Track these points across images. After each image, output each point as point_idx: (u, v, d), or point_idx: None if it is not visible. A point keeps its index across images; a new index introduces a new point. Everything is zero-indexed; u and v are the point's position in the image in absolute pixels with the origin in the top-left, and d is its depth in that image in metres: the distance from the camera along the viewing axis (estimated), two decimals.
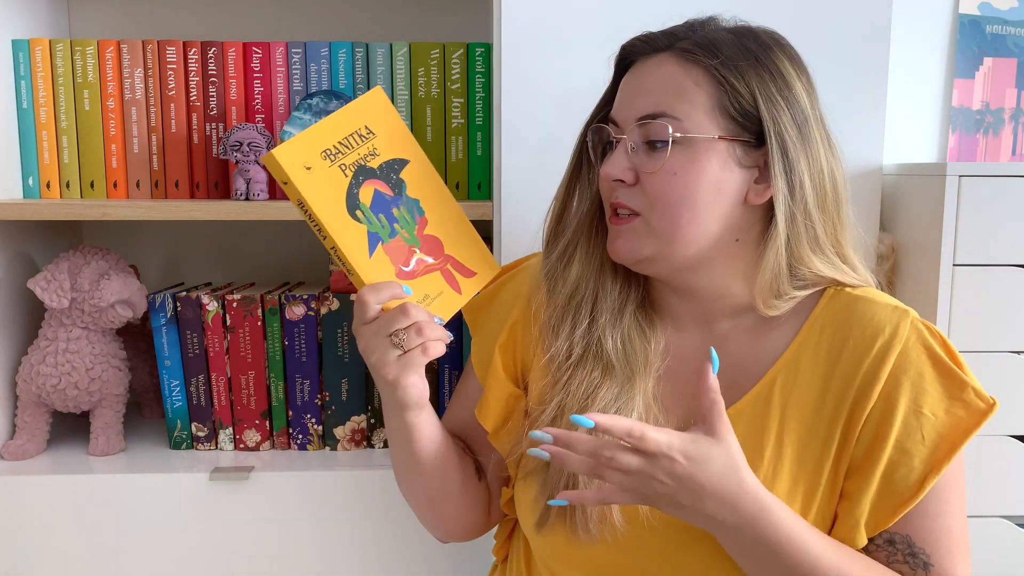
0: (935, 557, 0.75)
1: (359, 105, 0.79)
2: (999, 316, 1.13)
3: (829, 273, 0.80)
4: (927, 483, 0.75)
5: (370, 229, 0.78)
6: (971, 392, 0.77)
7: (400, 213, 0.80)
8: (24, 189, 1.25)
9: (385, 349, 0.78)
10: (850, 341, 0.79)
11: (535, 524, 0.84)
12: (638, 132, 0.78)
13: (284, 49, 1.25)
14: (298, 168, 0.74)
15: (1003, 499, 1.17)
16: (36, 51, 1.23)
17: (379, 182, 0.79)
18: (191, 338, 1.20)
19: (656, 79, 0.79)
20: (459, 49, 1.25)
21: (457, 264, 0.84)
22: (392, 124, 0.80)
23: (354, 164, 0.78)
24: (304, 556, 1.15)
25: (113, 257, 1.22)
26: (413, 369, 0.78)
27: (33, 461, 1.19)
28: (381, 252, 0.79)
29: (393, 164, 0.80)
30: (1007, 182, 1.10)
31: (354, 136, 0.78)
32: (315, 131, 0.76)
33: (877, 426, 0.76)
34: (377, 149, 0.79)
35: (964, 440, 0.75)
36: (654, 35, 0.82)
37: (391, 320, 0.77)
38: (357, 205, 0.77)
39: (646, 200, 0.78)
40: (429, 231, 0.82)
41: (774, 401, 0.79)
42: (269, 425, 1.23)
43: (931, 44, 1.42)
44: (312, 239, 1.44)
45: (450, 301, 0.84)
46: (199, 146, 1.26)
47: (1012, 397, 1.15)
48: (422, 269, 0.81)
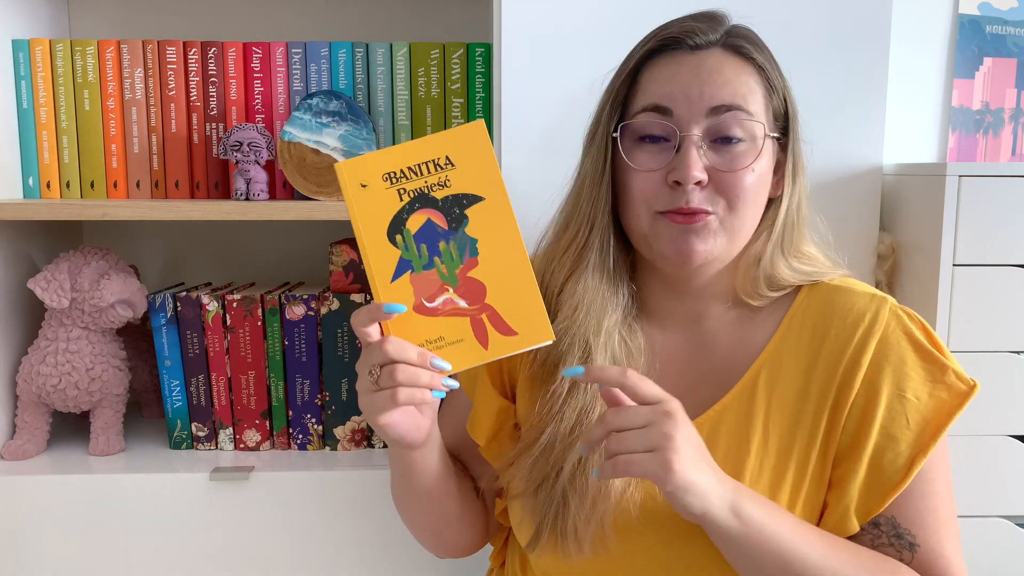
0: (921, 537, 0.75)
1: (450, 135, 0.76)
2: (999, 316, 1.13)
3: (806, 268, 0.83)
4: (915, 466, 0.75)
5: (403, 256, 0.76)
6: (952, 375, 0.77)
7: (447, 248, 0.76)
8: (24, 189, 1.25)
9: (363, 381, 0.73)
10: (831, 331, 0.79)
11: (526, 545, 0.82)
12: (705, 124, 0.75)
13: (284, 49, 1.25)
14: (354, 184, 0.75)
15: (1003, 499, 1.17)
16: (36, 51, 1.23)
17: (436, 212, 0.76)
18: (191, 338, 1.20)
19: (725, 71, 0.76)
20: (459, 49, 1.25)
21: (496, 317, 0.76)
22: (479, 159, 0.76)
23: (415, 191, 0.76)
24: (304, 556, 1.15)
25: (113, 257, 1.22)
26: (381, 408, 0.72)
27: (33, 461, 1.18)
28: (406, 280, 0.76)
29: (461, 199, 0.76)
30: (1007, 182, 1.10)
31: (428, 164, 0.76)
32: (389, 152, 0.76)
33: (862, 412, 0.77)
34: (450, 180, 0.76)
35: (948, 422, 0.76)
36: (700, 26, 0.78)
37: (368, 351, 0.72)
38: (400, 231, 0.76)
39: (721, 200, 0.76)
40: (475, 274, 0.76)
41: (759, 394, 0.79)
42: (269, 425, 1.23)
43: (931, 44, 1.42)
44: (312, 239, 1.44)
45: (469, 352, 0.76)
46: (199, 146, 1.26)
47: (1012, 397, 1.15)
48: (449, 309, 0.76)
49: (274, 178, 1.27)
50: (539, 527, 0.79)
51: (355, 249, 1.22)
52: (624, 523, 0.78)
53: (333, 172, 1.21)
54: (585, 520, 0.76)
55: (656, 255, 0.79)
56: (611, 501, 0.77)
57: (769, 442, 0.78)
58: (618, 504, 0.77)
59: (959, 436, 1.15)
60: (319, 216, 1.15)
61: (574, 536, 0.77)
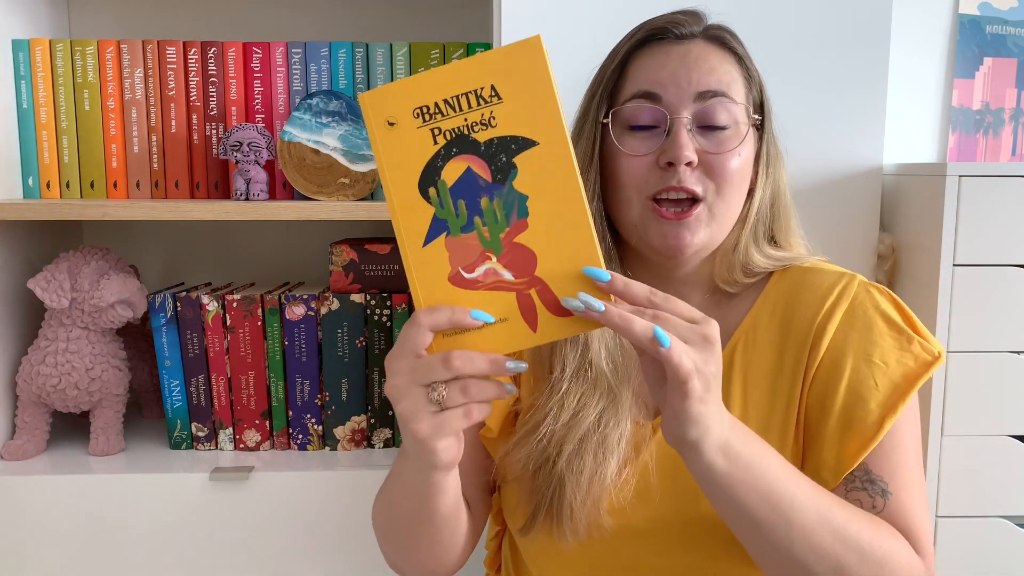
0: (892, 486, 0.76)
1: (498, 56, 0.62)
2: (999, 316, 1.13)
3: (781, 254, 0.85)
4: (885, 423, 0.76)
5: (438, 214, 0.63)
6: (918, 344, 0.79)
7: (489, 206, 0.63)
8: (24, 189, 1.25)
9: (418, 400, 0.62)
10: (801, 305, 0.82)
11: (520, 529, 0.83)
12: (693, 108, 0.77)
13: (284, 49, 1.25)
14: (380, 120, 0.62)
15: (1003, 499, 1.17)
16: (36, 51, 1.23)
17: (477, 159, 0.63)
18: (191, 338, 1.20)
19: (710, 59, 0.79)
20: (459, 49, 1.25)
21: (547, 293, 0.63)
22: (534, 90, 0.62)
23: (453, 131, 0.62)
24: (304, 556, 1.15)
25: (113, 257, 1.22)
26: (449, 432, 0.63)
27: (33, 461, 1.18)
28: (441, 244, 0.63)
29: (509, 142, 0.62)
30: (1007, 182, 1.10)
31: (469, 96, 0.62)
32: (419, 80, 0.62)
33: (827, 375, 0.78)
34: (496, 118, 0.62)
35: (914, 386, 0.78)
36: (684, 18, 0.81)
37: (429, 368, 0.61)
38: (434, 182, 0.63)
39: (711, 183, 0.78)
40: (523, 239, 0.63)
41: (735, 368, 0.82)
42: (269, 425, 1.23)
43: (931, 44, 1.42)
44: (312, 239, 1.44)
45: (515, 334, 0.64)
46: (199, 146, 1.26)
47: (1012, 397, 1.15)
48: (491, 282, 0.63)
49: (274, 178, 1.27)
50: (535, 509, 0.80)
51: (355, 249, 1.22)
52: (618, 507, 0.79)
53: (333, 172, 1.20)
54: (581, 502, 0.77)
55: (645, 245, 0.81)
56: (606, 483, 0.78)
57: (749, 414, 0.80)
58: (613, 486, 0.78)
59: (959, 436, 1.16)
60: (319, 216, 1.15)
61: (570, 517, 0.78)
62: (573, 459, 0.78)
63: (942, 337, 1.14)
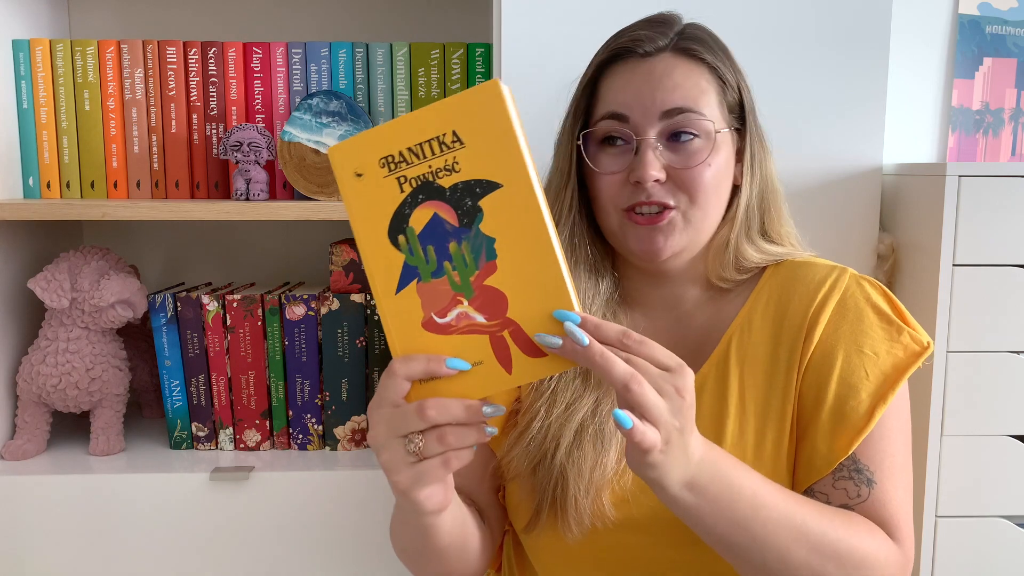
0: (878, 476, 0.78)
1: (457, 102, 0.62)
2: (999, 316, 1.13)
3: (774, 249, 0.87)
4: (876, 412, 0.78)
5: (408, 261, 0.64)
6: (908, 336, 0.81)
7: (458, 251, 0.63)
8: (24, 189, 1.25)
9: (396, 451, 0.62)
10: (794, 298, 0.84)
11: (525, 526, 0.83)
12: (659, 127, 0.79)
13: (284, 49, 1.25)
14: (348, 173, 0.63)
15: (1003, 499, 1.17)
16: (36, 51, 1.23)
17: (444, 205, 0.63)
18: (191, 338, 1.20)
19: (675, 75, 0.80)
20: (459, 49, 1.25)
21: (519, 334, 0.63)
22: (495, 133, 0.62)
23: (418, 178, 0.63)
24: (304, 556, 1.15)
25: (113, 257, 1.22)
26: (429, 482, 0.62)
27: (33, 461, 1.19)
28: (412, 291, 0.64)
29: (473, 186, 0.63)
30: (1007, 182, 1.10)
31: (432, 143, 0.63)
32: (383, 130, 0.63)
33: (820, 366, 0.80)
34: (459, 163, 0.62)
35: (904, 376, 0.80)
36: (649, 33, 0.82)
37: (405, 419, 0.61)
38: (402, 230, 0.63)
39: (682, 194, 0.80)
40: (493, 282, 0.63)
41: (732, 361, 0.83)
42: (269, 425, 1.23)
43: (931, 44, 1.42)
44: (312, 239, 1.44)
45: (490, 377, 0.63)
46: (199, 146, 1.26)
47: (1012, 397, 1.15)
48: (464, 326, 0.63)
49: (274, 178, 1.27)
50: (539, 504, 0.81)
51: (355, 249, 1.22)
52: (621, 497, 0.79)
53: (333, 172, 1.20)
54: (584, 492, 0.78)
55: (627, 251, 0.84)
56: (608, 473, 0.79)
57: (747, 406, 0.82)
58: (615, 474, 0.79)
59: (959, 436, 1.16)
60: (319, 216, 1.15)
61: (574, 509, 0.78)
62: (573, 450, 0.79)
63: (942, 337, 1.14)
